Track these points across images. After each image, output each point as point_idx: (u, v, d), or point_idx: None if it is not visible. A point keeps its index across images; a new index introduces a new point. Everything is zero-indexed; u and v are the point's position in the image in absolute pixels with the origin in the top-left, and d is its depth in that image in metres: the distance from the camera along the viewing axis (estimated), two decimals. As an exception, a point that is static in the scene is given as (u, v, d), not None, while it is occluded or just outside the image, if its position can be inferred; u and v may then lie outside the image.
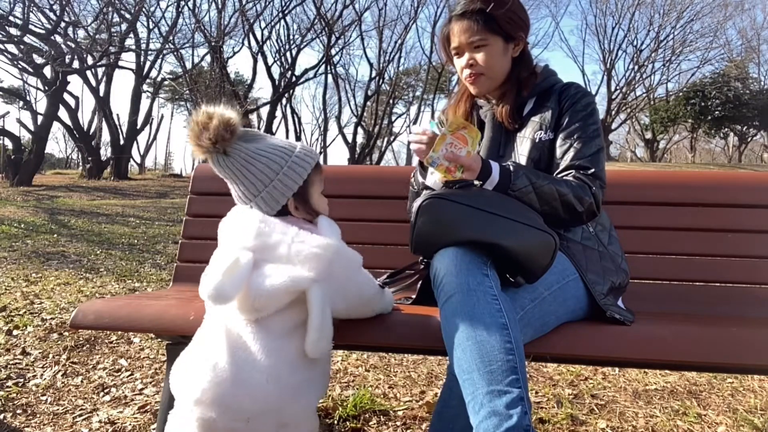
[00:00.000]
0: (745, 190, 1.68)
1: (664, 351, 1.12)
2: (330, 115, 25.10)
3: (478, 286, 1.01)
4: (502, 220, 1.07)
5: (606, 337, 1.15)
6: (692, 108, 23.87)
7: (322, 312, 1.00)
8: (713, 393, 2.05)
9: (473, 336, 0.97)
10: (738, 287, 1.61)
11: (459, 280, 1.02)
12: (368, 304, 1.17)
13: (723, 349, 1.12)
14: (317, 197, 1.16)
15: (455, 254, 1.06)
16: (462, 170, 1.18)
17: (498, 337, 0.96)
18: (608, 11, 26.16)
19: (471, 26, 1.32)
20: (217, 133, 1.03)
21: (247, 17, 18.39)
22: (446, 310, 1.03)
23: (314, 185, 1.15)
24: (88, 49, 13.74)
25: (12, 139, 13.44)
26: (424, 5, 23.57)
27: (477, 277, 1.03)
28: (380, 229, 1.80)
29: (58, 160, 37.75)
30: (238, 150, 1.06)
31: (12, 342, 2.42)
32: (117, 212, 8.08)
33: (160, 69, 19.44)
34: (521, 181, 1.21)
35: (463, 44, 1.35)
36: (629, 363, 1.61)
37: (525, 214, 1.11)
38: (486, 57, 1.34)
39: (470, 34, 1.33)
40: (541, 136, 1.34)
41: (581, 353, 1.15)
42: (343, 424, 1.74)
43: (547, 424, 1.76)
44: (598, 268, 1.29)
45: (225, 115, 1.04)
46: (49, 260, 4.34)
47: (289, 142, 1.13)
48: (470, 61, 1.35)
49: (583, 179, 1.26)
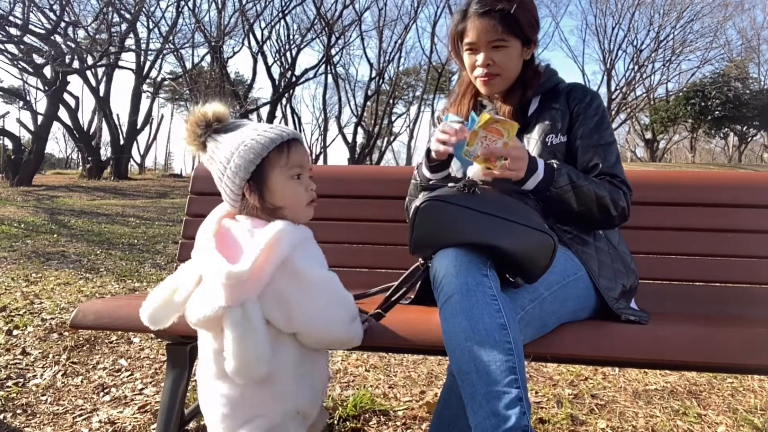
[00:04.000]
0: (745, 190, 1.68)
1: (664, 351, 1.12)
2: (330, 115, 25.14)
3: (477, 287, 1.01)
4: (500, 222, 1.06)
5: (606, 337, 1.15)
6: (692, 108, 23.87)
7: (235, 340, 0.92)
8: (713, 393, 2.05)
9: (472, 336, 0.96)
10: (738, 287, 1.61)
11: (458, 281, 1.02)
12: (318, 337, 1.02)
13: (723, 349, 1.11)
14: (282, 184, 1.03)
15: (455, 255, 1.05)
16: (502, 159, 1.16)
17: (497, 337, 0.96)
18: (608, 11, 26.21)
19: (494, 26, 1.30)
20: (192, 132, 1.05)
21: (247, 17, 18.43)
22: (446, 310, 1.02)
23: (276, 168, 1.03)
24: (88, 49, 13.75)
25: (12, 139, 13.44)
26: (424, 5, 23.61)
27: (476, 277, 1.02)
28: (380, 229, 1.80)
29: (58, 160, 37.74)
30: (210, 142, 1.05)
31: (12, 342, 2.42)
32: (117, 212, 8.08)
33: (160, 69, 19.49)
34: (563, 179, 1.22)
35: (481, 42, 1.33)
36: (629, 363, 1.61)
37: (524, 214, 1.10)
38: (504, 58, 1.33)
39: (492, 34, 1.30)
40: (552, 140, 1.34)
41: (581, 353, 1.15)
42: (343, 424, 1.74)
43: (547, 424, 1.76)
44: (610, 272, 1.29)
45: (199, 113, 1.04)
46: (49, 260, 4.34)
47: (264, 125, 1.06)
48: (488, 61, 1.33)
49: (617, 185, 1.29)
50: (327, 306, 1.00)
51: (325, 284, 1.00)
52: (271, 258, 0.93)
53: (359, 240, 1.81)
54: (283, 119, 23.56)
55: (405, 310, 1.26)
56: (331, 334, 1.03)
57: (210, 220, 1.06)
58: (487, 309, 0.99)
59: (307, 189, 1.07)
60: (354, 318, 1.06)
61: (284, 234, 0.96)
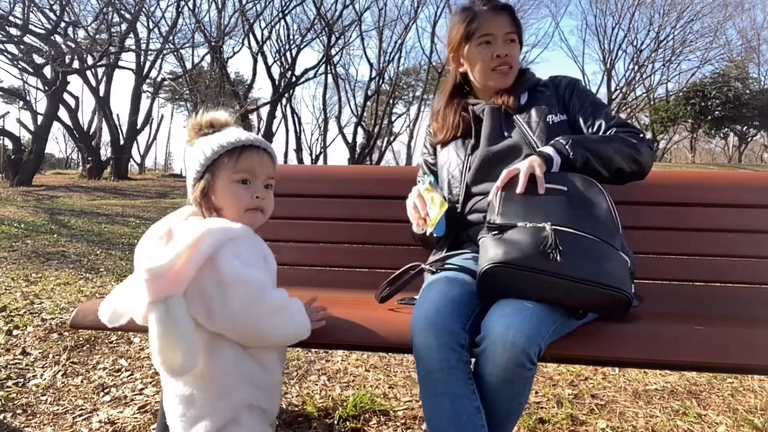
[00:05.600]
0: (745, 190, 1.68)
1: (664, 351, 1.12)
2: (330, 115, 25.13)
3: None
4: (563, 283, 1.07)
5: (606, 337, 1.15)
6: (692, 108, 23.86)
7: (158, 335, 0.93)
8: (713, 393, 2.04)
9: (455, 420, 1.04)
10: (738, 287, 1.61)
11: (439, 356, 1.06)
12: (245, 335, 1.02)
13: (723, 349, 1.11)
14: (224, 187, 1.06)
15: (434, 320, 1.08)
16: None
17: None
18: (608, 11, 26.22)
19: (510, 21, 1.43)
20: (190, 137, 1.14)
21: (247, 17, 18.43)
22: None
23: (222, 170, 1.06)
24: (88, 49, 13.74)
25: (12, 139, 13.43)
26: (424, 5, 23.62)
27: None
28: (380, 229, 1.80)
29: (58, 160, 37.73)
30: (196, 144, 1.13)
31: (12, 342, 2.42)
32: (117, 212, 8.08)
33: (160, 69, 19.48)
34: (576, 147, 1.26)
35: (500, 35, 1.42)
36: (629, 363, 1.61)
37: (598, 268, 1.09)
38: (515, 52, 1.45)
39: (509, 28, 1.42)
40: (553, 119, 1.40)
41: (581, 353, 1.15)
42: (343, 424, 1.74)
43: (547, 424, 1.76)
44: None
45: (200, 117, 1.14)
46: (49, 260, 4.34)
47: (233, 130, 1.12)
48: (506, 52, 1.42)
49: (626, 129, 1.34)
50: (246, 305, 0.98)
51: (243, 283, 0.98)
52: (194, 256, 0.94)
53: (359, 240, 1.81)
54: (283, 119, 23.61)
55: (407, 311, 1.26)
56: (258, 332, 1.02)
57: (165, 222, 1.09)
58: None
59: (252, 196, 1.08)
60: (278, 311, 1.04)
61: (209, 233, 0.96)
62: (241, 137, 1.09)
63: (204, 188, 1.07)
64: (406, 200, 1.56)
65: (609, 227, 1.17)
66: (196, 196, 1.08)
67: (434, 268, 1.30)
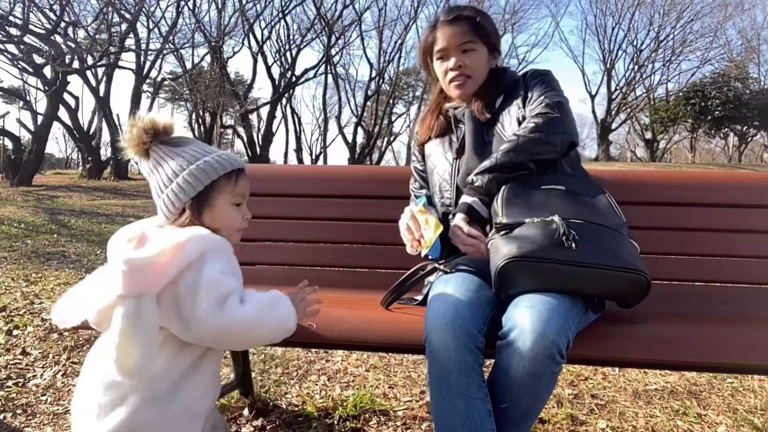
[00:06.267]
0: (745, 190, 1.67)
1: (664, 351, 1.12)
2: (330, 115, 25.13)
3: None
4: (581, 270, 1.07)
5: (606, 337, 1.15)
6: (692, 108, 23.84)
7: (121, 332, 0.90)
8: (713, 393, 2.05)
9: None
10: (738, 287, 1.61)
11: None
12: (217, 339, 0.99)
13: (723, 349, 1.12)
14: (223, 209, 1.07)
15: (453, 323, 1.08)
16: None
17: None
18: (608, 11, 26.24)
19: (463, 30, 1.41)
20: (138, 136, 1.05)
21: (247, 17, 18.43)
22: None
23: (222, 193, 1.06)
24: (88, 49, 13.74)
25: (12, 139, 13.43)
26: (424, 5, 23.61)
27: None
28: (380, 229, 1.80)
29: (58, 160, 37.74)
30: (156, 151, 1.07)
31: (12, 342, 2.42)
32: (117, 212, 8.08)
33: (160, 69, 19.46)
34: (489, 185, 1.27)
35: (452, 47, 1.42)
36: (629, 363, 1.61)
37: (613, 252, 1.09)
38: (474, 60, 1.42)
39: (461, 37, 1.41)
40: (520, 114, 1.38)
41: (581, 353, 1.15)
42: (343, 424, 1.74)
43: (547, 424, 1.76)
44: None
45: (149, 120, 1.05)
46: (49, 260, 4.34)
47: (212, 148, 1.09)
48: (459, 63, 1.41)
49: (541, 115, 1.30)
50: (214, 307, 0.95)
51: (214, 286, 0.95)
52: (177, 257, 0.92)
53: (359, 240, 1.81)
54: (283, 119, 23.61)
55: (409, 311, 1.26)
56: (231, 334, 0.98)
57: (138, 226, 1.06)
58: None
59: (243, 218, 1.11)
60: (259, 308, 1.00)
61: (197, 238, 0.96)
62: (237, 160, 1.09)
63: (200, 208, 1.04)
64: (405, 200, 1.57)
65: (613, 217, 1.19)
66: (192, 219, 1.04)
67: (448, 268, 1.30)
